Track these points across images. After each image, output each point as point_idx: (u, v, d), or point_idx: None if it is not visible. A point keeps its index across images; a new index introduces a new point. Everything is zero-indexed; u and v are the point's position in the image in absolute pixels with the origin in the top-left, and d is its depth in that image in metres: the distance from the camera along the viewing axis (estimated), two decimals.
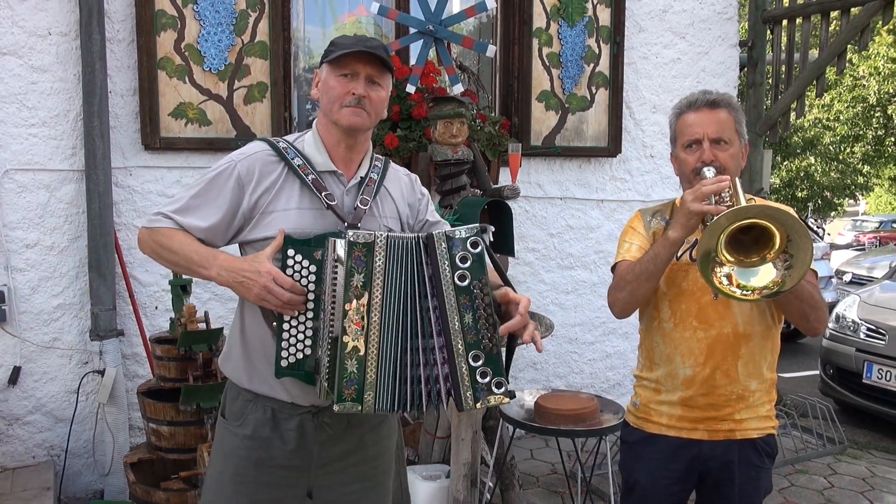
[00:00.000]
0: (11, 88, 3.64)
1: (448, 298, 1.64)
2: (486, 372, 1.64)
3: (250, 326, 1.83)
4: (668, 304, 2.11)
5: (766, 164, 5.48)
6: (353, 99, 1.79)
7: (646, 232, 2.15)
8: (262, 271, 1.64)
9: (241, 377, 1.85)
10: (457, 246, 1.65)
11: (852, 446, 4.92)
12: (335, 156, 1.86)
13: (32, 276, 3.74)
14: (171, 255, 1.76)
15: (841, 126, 18.65)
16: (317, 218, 1.79)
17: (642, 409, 2.20)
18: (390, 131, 4.05)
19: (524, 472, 4.21)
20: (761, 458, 2.12)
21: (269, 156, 1.82)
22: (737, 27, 5.46)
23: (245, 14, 3.96)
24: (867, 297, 6.00)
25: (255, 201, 1.78)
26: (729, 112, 2.05)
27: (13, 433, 3.77)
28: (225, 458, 1.86)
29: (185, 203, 1.79)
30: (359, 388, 1.62)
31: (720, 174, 1.96)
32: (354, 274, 1.63)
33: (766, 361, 2.12)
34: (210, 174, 1.81)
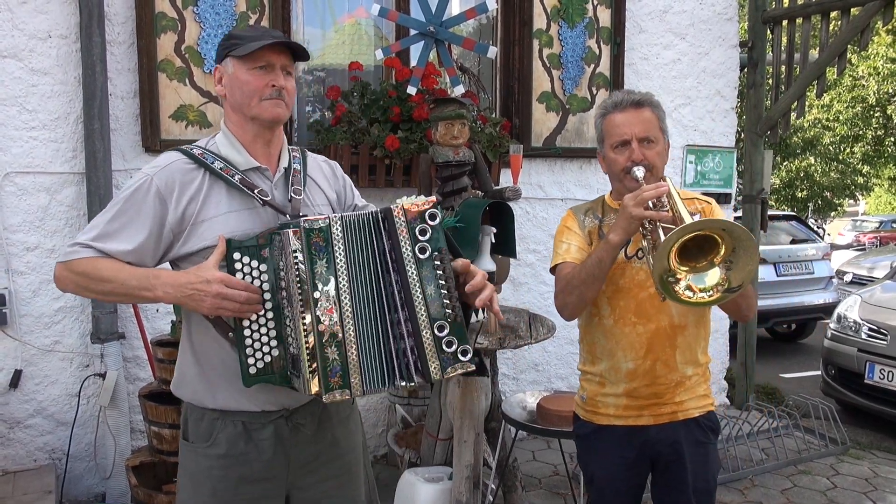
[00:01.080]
0: (11, 91, 3.63)
1: (410, 271, 1.62)
2: (451, 341, 1.62)
3: (201, 344, 1.77)
4: (606, 301, 2.18)
5: (766, 164, 5.48)
6: (274, 91, 1.74)
7: (581, 231, 2.23)
8: (211, 279, 1.58)
9: (204, 398, 1.78)
10: (416, 219, 1.63)
11: (854, 447, 4.91)
12: (254, 152, 1.80)
13: (33, 279, 3.73)
14: (102, 284, 1.65)
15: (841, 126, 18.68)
16: (253, 217, 1.73)
17: (590, 402, 2.27)
18: (391, 133, 4.05)
19: (526, 474, 4.21)
20: (706, 434, 2.20)
21: (186, 164, 1.74)
22: (737, 28, 5.46)
23: (245, 16, 3.96)
24: (868, 297, 5.99)
25: (181, 213, 1.70)
26: (653, 111, 2.12)
27: (14, 437, 3.76)
28: (196, 482, 1.80)
29: (102, 229, 1.68)
30: (343, 373, 1.59)
31: (649, 172, 2.06)
32: (316, 260, 1.59)
33: (700, 347, 2.21)
34: (124, 193, 1.71)
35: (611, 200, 2.26)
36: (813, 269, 8.12)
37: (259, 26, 1.85)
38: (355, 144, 4.05)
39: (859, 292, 6.33)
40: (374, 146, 4.05)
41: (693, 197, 2.23)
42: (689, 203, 2.16)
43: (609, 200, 2.27)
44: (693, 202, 2.18)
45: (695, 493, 2.16)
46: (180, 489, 1.85)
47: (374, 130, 4.07)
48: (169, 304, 1.67)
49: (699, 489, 2.17)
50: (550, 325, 3.25)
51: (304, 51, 1.80)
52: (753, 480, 4.32)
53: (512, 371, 4.83)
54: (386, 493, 3.36)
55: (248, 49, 1.71)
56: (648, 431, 2.17)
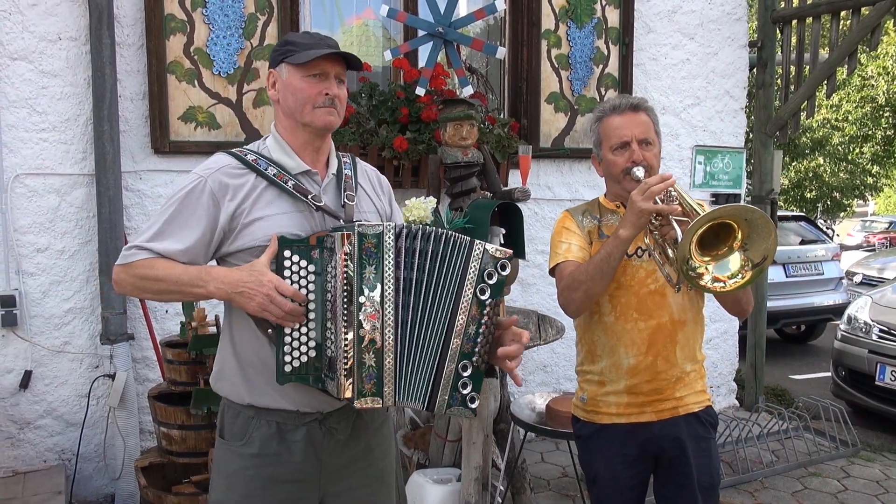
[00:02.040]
0: (22, 93, 3.65)
1: (463, 303, 1.64)
2: (467, 384, 1.65)
3: (241, 339, 1.80)
4: (607, 298, 2.19)
5: (776, 164, 5.46)
6: (328, 99, 1.77)
7: (580, 231, 2.23)
8: (264, 281, 1.61)
9: (240, 392, 1.81)
10: (488, 262, 1.65)
11: (865, 449, 4.88)
12: (304, 157, 1.84)
13: (43, 281, 3.75)
14: (157, 283, 1.70)
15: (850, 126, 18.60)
16: (303, 220, 1.77)
17: (590, 402, 2.28)
18: (399, 134, 4.05)
19: (535, 476, 4.20)
20: (706, 429, 2.23)
21: (235, 168, 1.78)
22: (746, 27, 5.44)
23: (254, 17, 3.97)
24: (879, 298, 5.95)
25: (232, 212, 1.74)
26: (648, 114, 2.17)
27: (24, 437, 3.77)
28: (229, 480, 1.81)
29: (158, 229, 1.73)
30: (378, 381, 1.60)
31: (648, 173, 2.09)
32: (366, 265, 1.60)
33: (698, 344, 2.25)
34: (179, 195, 1.75)
35: (606, 202, 2.27)
36: (822, 269, 8.09)
37: (315, 33, 1.87)
38: (364, 146, 4.06)
39: (870, 293, 6.30)
40: (382, 147, 4.06)
41: None
42: None
43: (604, 202, 2.28)
44: None
45: (699, 488, 2.17)
46: (213, 486, 1.87)
47: (382, 131, 4.08)
48: (220, 300, 1.70)
49: (703, 484, 2.18)
50: (559, 326, 3.25)
51: (359, 61, 1.83)
52: (763, 482, 4.30)
53: (520, 372, 4.80)
54: None
55: (305, 58, 1.74)
56: (651, 428, 2.18)
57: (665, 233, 1.97)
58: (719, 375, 5.57)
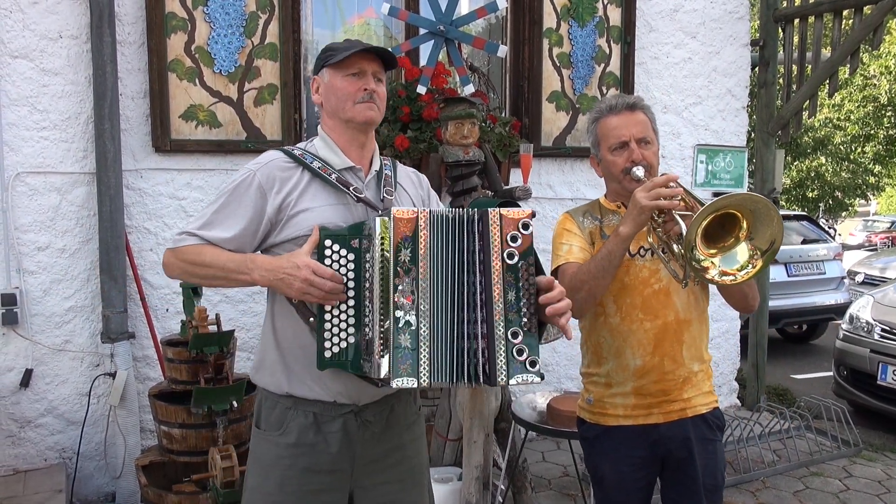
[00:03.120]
0: (23, 91, 3.65)
1: (494, 273, 1.65)
2: (522, 349, 1.65)
3: (283, 329, 1.85)
4: (612, 299, 2.18)
5: (778, 163, 5.45)
6: (366, 94, 1.86)
7: (581, 232, 2.22)
8: (301, 265, 1.67)
9: (280, 382, 1.86)
10: (509, 224, 1.66)
11: (867, 448, 4.87)
12: (349, 154, 1.91)
13: (44, 279, 3.75)
14: (205, 269, 1.79)
15: (852, 126, 18.58)
16: (345, 212, 1.84)
17: (597, 404, 2.26)
18: (400, 133, 4.04)
19: (536, 475, 4.19)
20: (713, 432, 2.22)
21: (285, 162, 1.87)
22: (748, 26, 5.43)
23: (255, 16, 3.96)
24: (881, 297, 5.94)
25: (279, 205, 1.82)
26: (645, 113, 2.18)
27: (25, 436, 3.77)
28: (265, 469, 1.87)
29: (208, 218, 1.83)
30: (413, 362, 1.62)
31: (648, 172, 2.10)
32: (402, 249, 1.64)
33: (704, 343, 2.24)
34: (230, 186, 1.85)
35: (607, 202, 2.27)
36: (824, 269, 8.07)
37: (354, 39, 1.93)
38: None
39: (871, 293, 6.29)
40: (383, 146, 4.04)
41: None
42: None
43: (605, 202, 2.27)
44: None
45: (705, 490, 2.16)
46: (249, 474, 1.93)
47: (383, 130, 4.06)
48: (263, 286, 1.79)
49: (708, 486, 2.17)
50: None
51: (394, 58, 1.92)
52: (765, 482, 4.29)
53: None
54: None
55: (342, 56, 1.84)
56: (658, 430, 2.17)
57: (669, 229, 1.97)
58: (721, 375, 5.56)
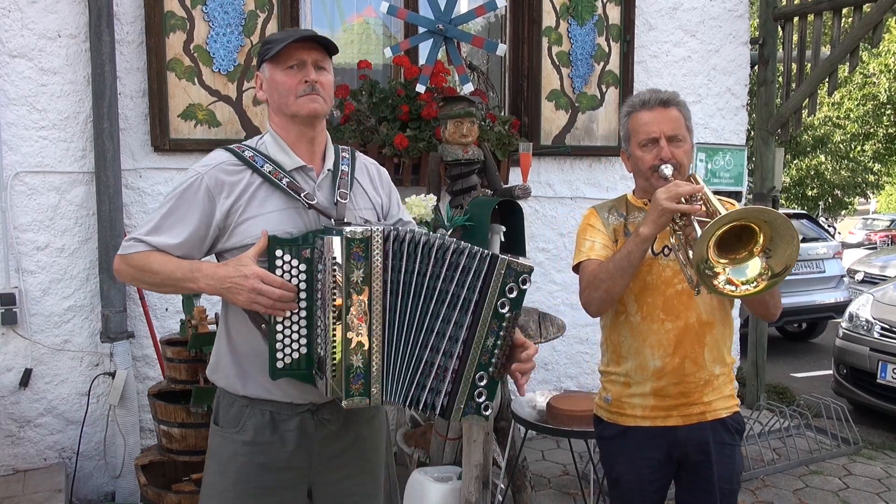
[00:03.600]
0: (21, 91, 3.64)
1: (485, 317, 1.66)
2: (482, 393, 1.68)
3: (237, 332, 1.82)
4: (633, 298, 2.15)
5: (778, 162, 5.45)
6: (307, 87, 1.78)
7: (605, 229, 2.20)
8: (248, 274, 1.63)
9: (235, 385, 1.84)
10: (511, 275, 1.66)
11: (867, 447, 4.87)
12: (299, 152, 1.85)
13: (43, 279, 3.74)
14: (153, 276, 1.76)
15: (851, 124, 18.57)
16: (296, 217, 1.78)
17: (615, 403, 2.24)
18: (400, 131, 4.05)
19: (536, 474, 4.19)
20: (732, 436, 2.19)
21: (233, 165, 1.81)
22: (747, 24, 5.43)
23: (254, 15, 3.96)
24: (881, 295, 5.94)
25: (227, 210, 1.77)
26: (679, 110, 2.12)
27: (25, 435, 3.77)
28: (222, 465, 1.85)
29: (155, 223, 1.78)
30: (365, 381, 1.63)
31: (676, 171, 2.05)
32: (354, 269, 1.61)
33: (727, 346, 2.20)
34: (177, 190, 1.80)
35: (634, 199, 2.23)
36: (824, 267, 8.07)
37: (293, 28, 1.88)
38: (364, 143, 4.05)
39: (871, 291, 6.28)
40: (382, 145, 4.05)
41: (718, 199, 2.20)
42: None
43: (632, 199, 2.24)
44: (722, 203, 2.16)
45: (720, 494, 2.14)
46: (206, 471, 1.91)
47: (382, 129, 4.07)
48: (210, 294, 1.75)
49: (724, 490, 2.15)
50: (560, 324, 3.24)
51: (332, 43, 1.83)
52: (765, 480, 4.29)
53: None
54: None
55: (277, 48, 1.77)
56: (677, 432, 2.14)
57: (688, 233, 1.94)
58: None
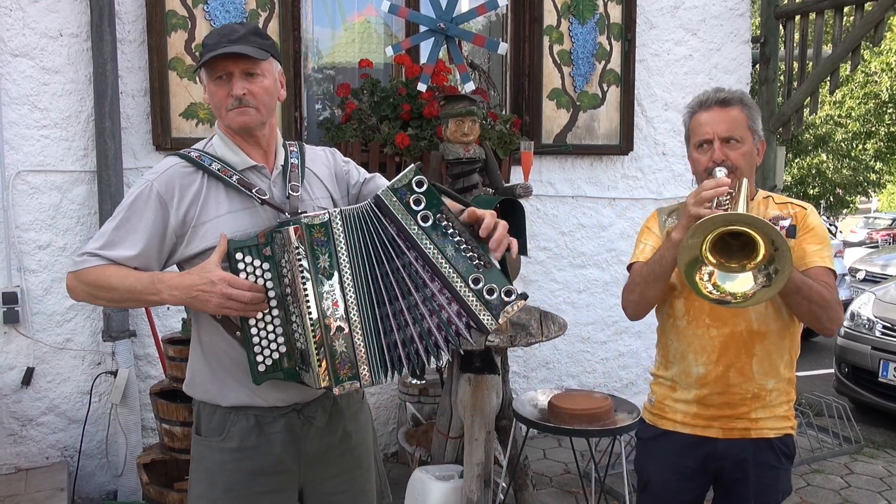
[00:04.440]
0: (23, 90, 3.65)
1: (423, 243, 1.63)
2: (492, 289, 1.63)
3: (211, 344, 1.78)
4: (682, 301, 2.11)
5: (779, 160, 5.44)
6: (234, 101, 1.72)
7: (660, 232, 2.15)
8: (215, 279, 1.59)
9: (215, 397, 1.80)
10: (405, 193, 1.63)
11: (869, 445, 4.87)
12: (249, 152, 1.80)
13: (45, 278, 3.75)
14: (110, 292, 1.68)
15: (853, 123, 18.55)
16: (253, 216, 1.74)
17: (657, 405, 2.20)
18: (401, 130, 4.05)
19: (537, 472, 4.19)
20: (778, 459, 2.10)
21: (184, 168, 1.75)
22: (749, 23, 5.42)
23: (255, 14, 3.96)
24: (882, 294, 5.93)
25: (182, 216, 1.71)
26: (741, 109, 2.03)
27: (27, 434, 3.78)
28: (210, 475, 1.81)
29: (108, 237, 1.70)
30: (353, 364, 1.62)
31: (732, 173, 1.96)
32: (319, 256, 1.61)
33: (784, 360, 2.08)
34: (127, 201, 1.73)
35: None
36: None
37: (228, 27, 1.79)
38: (365, 142, 4.05)
39: (873, 290, 6.27)
40: (384, 144, 4.05)
41: (786, 202, 2.12)
42: (781, 207, 2.09)
43: None
44: (786, 206, 2.09)
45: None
46: (193, 483, 1.86)
47: (384, 128, 4.07)
48: (175, 305, 1.70)
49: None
50: (562, 322, 3.24)
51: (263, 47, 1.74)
52: None
53: (523, 369, 4.82)
54: (397, 491, 3.35)
55: (203, 59, 1.71)
56: (716, 444, 2.08)
57: None
58: None
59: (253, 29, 1.78)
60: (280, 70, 1.84)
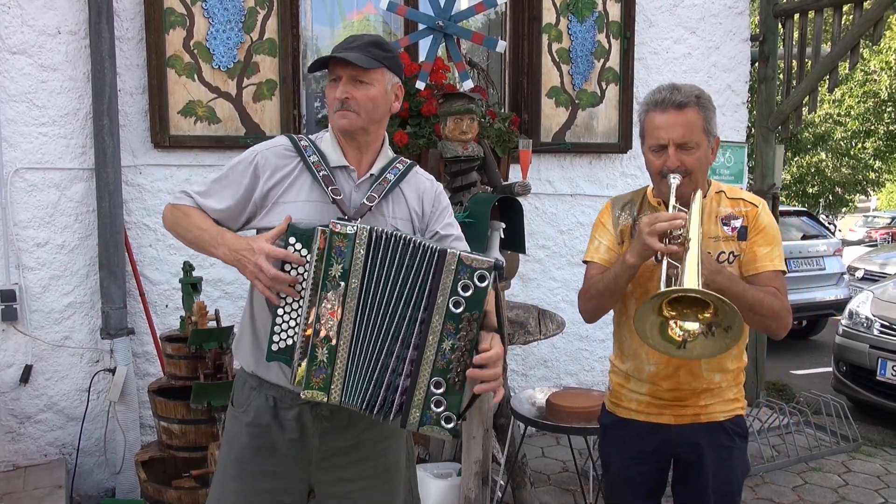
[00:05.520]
0: (21, 87, 3.64)
1: (435, 317, 1.63)
2: (440, 402, 1.64)
3: (258, 310, 1.89)
4: (634, 302, 2.14)
5: (778, 159, 5.44)
6: (338, 103, 1.84)
7: (613, 229, 2.18)
8: (257, 249, 1.69)
9: (249, 360, 1.91)
10: (464, 271, 1.61)
11: (866, 444, 4.88)
12: (347, 154, 1.91)
13: (43, 275, 3.75)
14: (186, 232, 1.86)
15: (852, 121, 18.54)
16: (324, 211, 1.83)
17: (615, 393, 2.26)
18: (400, 128, 4.04)
19: (535, 470, 4.20)
20: (731, 439, 2.15)
21: (287, 150, 1.89)
22: (748, 21, 5.42)
23: (254, 11, 3.95)
24: (880, 293, 5.94)
25: (267, 191, 1.85)
26: (698, 111, 2.00)
27: (25, 431, 3.78)
28: (229, 443, 1.94)
29: (208, 187, 1.90)
30: (327, 377, 1.65)
31: (687, 178, 1.98)
32: (333, 263, 1.64)
33: (731, 355, 2.12)
34: (233, 161, 1.91)
35: (651, 196, 2.18)
36: (824, 265, 8.07)
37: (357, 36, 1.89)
38: None
39: (871, 288, 6.28)
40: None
41: (738, 197, 2.13)
42: (733, 204, 2.10)
43: (650, 196, 2.18)
44: (738, 203, 2.10)
45: (715, 495, 2.12)
46: (220, 449, 2.02)
47: None
48: (226, 263, 1.81)
49: (721, 492, 2.12)
50: (560, 320, 3.24)
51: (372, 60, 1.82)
52: (764, 477, 4.30)
53: (521, 367, 4.82)
54: None
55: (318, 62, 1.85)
56: (669, 430, 2.14)
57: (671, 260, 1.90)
58: None
59: (374, 41, 1.87)
60: (397, 83, 1.93)
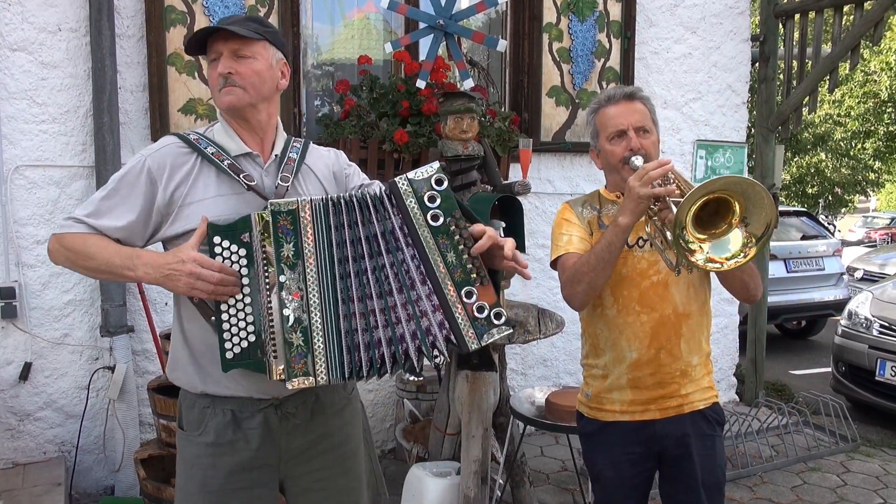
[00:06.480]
0: (21, 84, 3.64)
1: (426, 242, 1.58)
2: (482, 306, 1.58)
3: (190, 327, 1.77)
4: (609, 291, 2.16)
5: (778, 159, 5.44)
6: (221, 80, 1.74)
7: (581, 222, 2.21)
8: (186, 258, 1.59)
9: (193, 382, 1.78)
10: (422, 187, 1.59)
11: (865, 444, 4.88)
12: (245, 140, 1.81)
13: (43, 273, 3.74)
14: (88, 261, 1.68)
15: (852, 122, 18.57)
16: (238, 202, 1.73)
17: (595, 399, 2.25)
18: (400, 127, 4.04)
19: (534, 469, 4.20)
20: (713, 427, 2.20)
21: (180, 148, 1.76)
22: (748, 21, 5.42)
23: (254, 9, 3.95)
24: (880, 293, 5.94)
25: (170, 195, 1.72)
26: (643, 103, 2.16)
27: (24, 429, 3.78)
28: (188, 469, 1.81)
29: (96, 206, 1.71)
30: (308, 360, 1.57)
31: (647, 160, 2.04)
32: (283, 244, 1.58)
33: (704, 335, 2.21)
34: (120, 173, 1.74)
35: (606, 193, 2.25)
36: (823, 265, 8.07)
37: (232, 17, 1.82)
38: (364, 139, 4.05)
39: (870, 289, 6.28)
40: (383, 140, 4.04)
41: None
42: None
43: (605, 193, 2.26)
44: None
45: (703, 487, 2.14)
46: (177, 476, 1.86)
47: (383, 124, 4.06)
48: (149, 283, 1.70)
49: (708, 483, 2.15)
50: (559, 319, 3.24)
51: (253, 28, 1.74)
52: (763, 477, 4.30)
53: (520, 366, 4.82)
54: (394, 488, 3.35)
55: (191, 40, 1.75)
56: (655, 426, 2.16)
57: (664, 217, 1.93)
58: (720, 370, 5.56)
59: (253, 17, 1.80)
60: (281, 59, 1.84)
